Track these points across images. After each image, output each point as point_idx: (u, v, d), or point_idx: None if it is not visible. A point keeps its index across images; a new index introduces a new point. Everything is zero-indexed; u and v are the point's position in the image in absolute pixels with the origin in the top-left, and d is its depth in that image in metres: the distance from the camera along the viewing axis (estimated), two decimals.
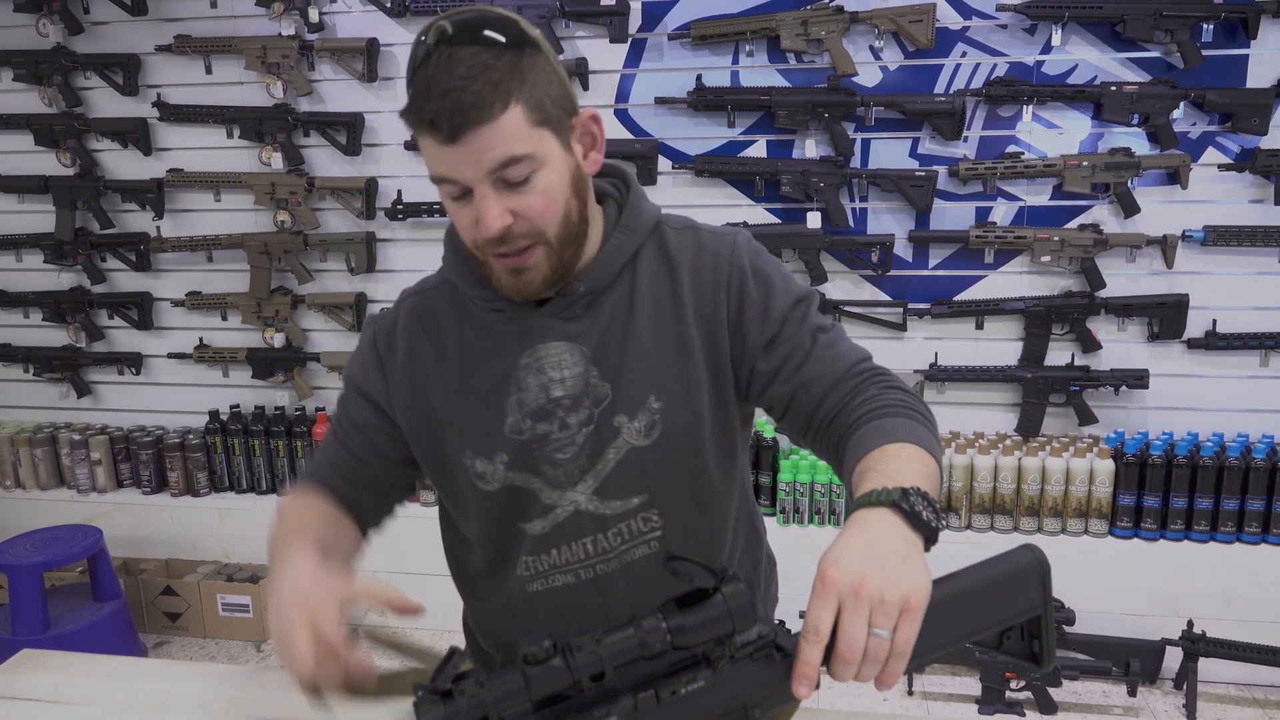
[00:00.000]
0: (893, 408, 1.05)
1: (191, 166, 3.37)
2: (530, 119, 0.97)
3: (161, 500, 3.50)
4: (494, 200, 0.98)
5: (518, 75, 0.96)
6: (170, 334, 3.55)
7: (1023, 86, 2.89)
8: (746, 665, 0.85)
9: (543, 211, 1.01)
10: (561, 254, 1.05)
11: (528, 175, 0.99)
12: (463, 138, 0.95)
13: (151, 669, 1.31)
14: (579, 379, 1.10)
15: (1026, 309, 3.03)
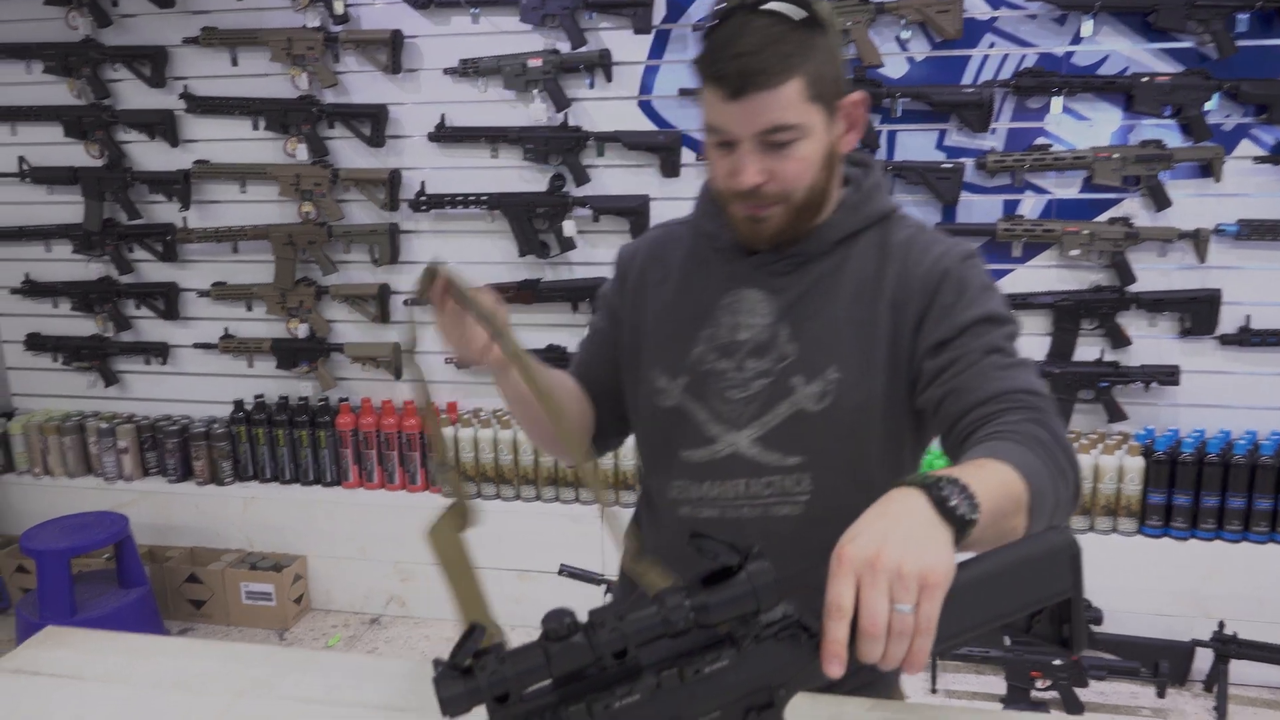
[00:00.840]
0: (1020, 436, 1.00)
1: (218, 158, 3.39)
2: (806, 93, 1.08)
3: (187, 489, 3.53)
4: (755, 159, 1.10)
5: (804, 52, 1.07)
6: (196, 324, 3.58)
7: (1052, 78, 2.85)
8: (771, 645, 0.83)
9: (795, 177, 1.11)
10: (799, 217, 1.15)
11: (790, 141, 1.09)
12: (743, 98, 1.06)
13: (173, 646, 1.31)
14: (767, 330, 1.19)
15: (1055, 304, 2.99)
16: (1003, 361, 1.10)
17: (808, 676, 0.85)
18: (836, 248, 1.19)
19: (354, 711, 1.14)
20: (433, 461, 1.03)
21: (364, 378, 3.49)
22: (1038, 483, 0.95)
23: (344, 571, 3.45)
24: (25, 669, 1.24)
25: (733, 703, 0.83)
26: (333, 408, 3.47)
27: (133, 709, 1.15)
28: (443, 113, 3.19)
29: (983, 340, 1.11)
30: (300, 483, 3.49)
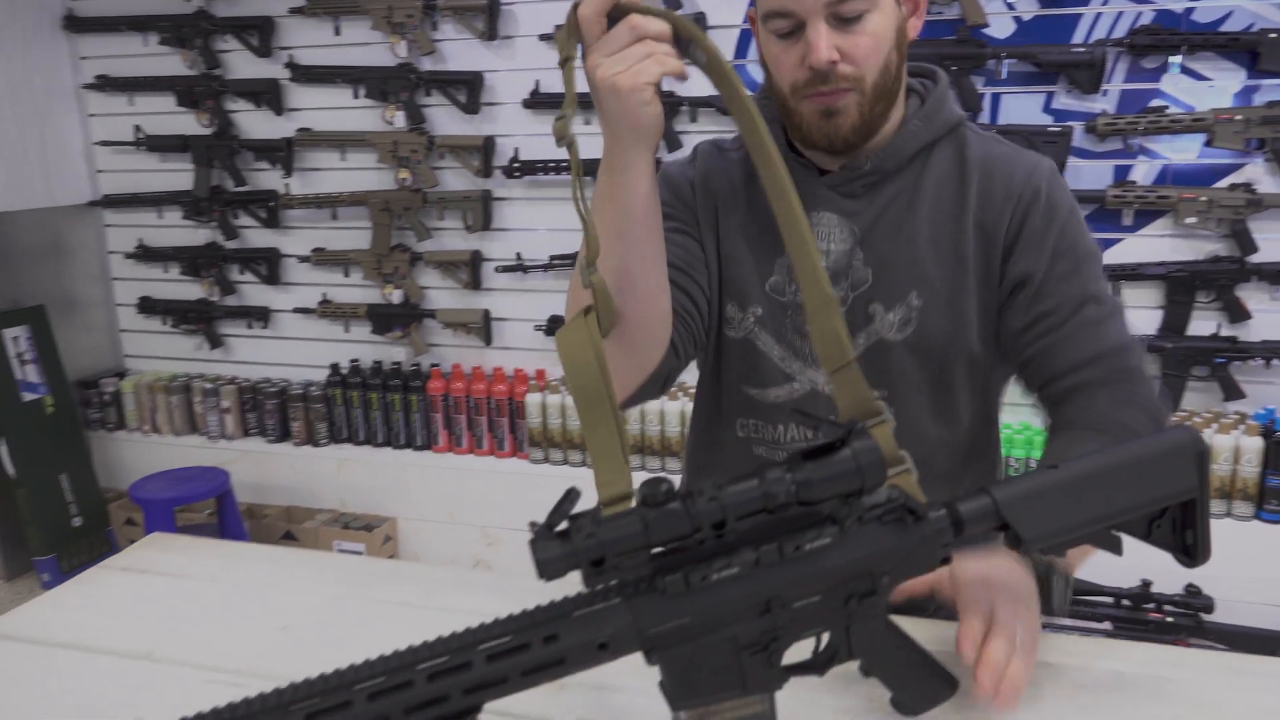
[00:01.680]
0: (1110, 431, 1.00)
1: (319, 126, 3.47)
2: None
3: (284, 449, 3.63)
4: (825, 33, 1.02)
5: None
6: (296, 289, 3.68)
7: (1170, 35, 2.71)
8: (875, 528, 0.80)
9: (868, 53, 1.04)
10: (873, 105, 1.07)
11: (861, 13, 1.02)
12: None
13: (270, 554, 1.34)
14: (843, 256, 1.13)
15: (1168, 274, 2.85)
16: (1095, 315, 1.07)
17: (912, 566, 0.82)
18: (911, 162, 1.13)
19: (447, 615, 1.14)
20: (580, 264, 0.89)
21: (455, 344, 3.53)
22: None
23: (432, 534, 3.50)
24: (134, 567, 1.28)
25: (834, 587, 0.80)
26: (424, 373, 3.52)
27: (233, 606, 1.18)
28: (537, 79, 3.21)
29: (1074, 285, 1.08)
30: (392, 446, 3.55)
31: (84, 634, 1.11)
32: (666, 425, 3.20)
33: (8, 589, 3.48)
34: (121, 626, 1.12)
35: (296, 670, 0.76)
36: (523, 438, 3.39)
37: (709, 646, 0.77)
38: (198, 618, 1.15)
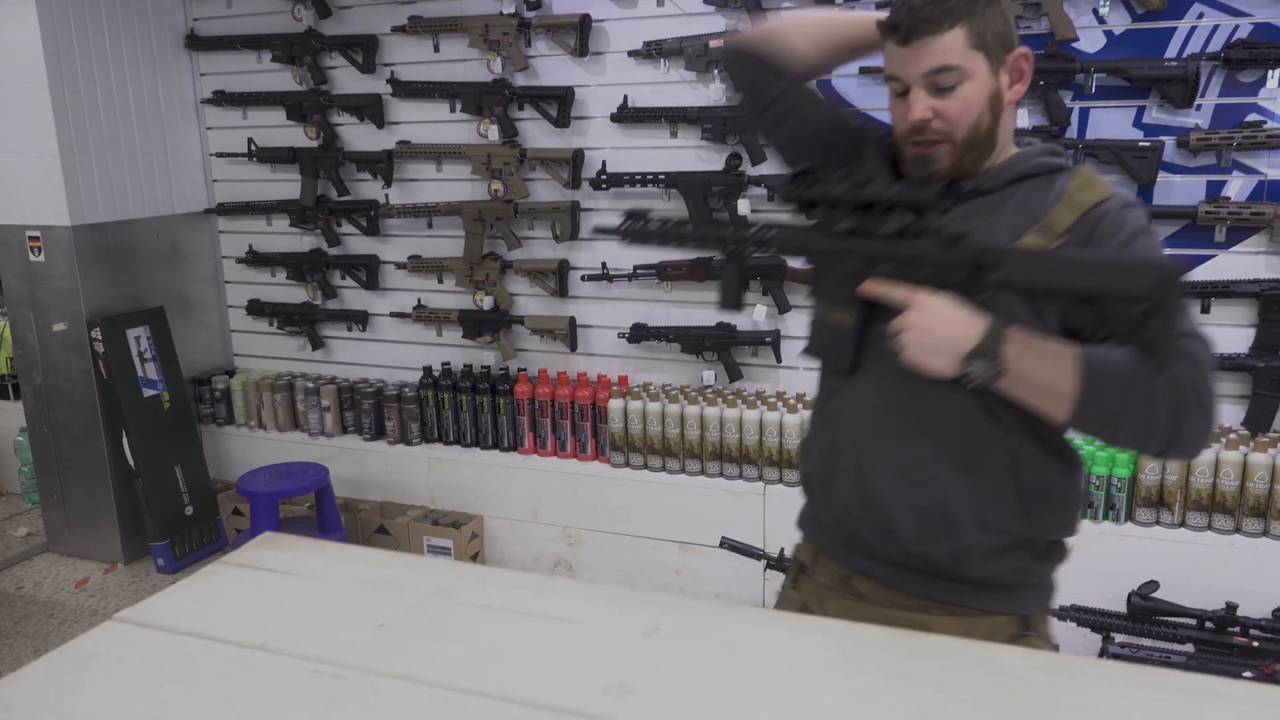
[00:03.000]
0: (1133, 361, 1.14)
1: (418, 139, 3.64)
2: (969, 42, 1.24)
3: (379, 447, 3.81)
4: (923, 97, 1.26)
5: (969, 6, 1.24)
6: (392, 294, 3.86)
7: (1269, 49, 2.66)
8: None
9: (958, 116, 1.26)
10: (963, 155, 1.29)
11: (954, 84, 1.25)
12: (911, 43, 1.24)
13: (370, 555, 1.45)
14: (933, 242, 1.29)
15: (1262, 292, 2.79)
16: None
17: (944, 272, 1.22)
18: (1005, 186, 1.30)
19: (525, 620, 1.23)
20: None
21: (542, 349, 3.66)
22: (1097, 389, 1.15)
23: (517, 532, 3.64)
24: (249, 564, 1.42)
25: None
26: (512, 377, 3.66)
27: (335, 602, 1.30)
28: (625, 94, 3.31)
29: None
30: (480, 446, 3.70)
31: (206, 624, 1.24)
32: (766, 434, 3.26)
33: (127, 571, 3.75)
34: (239, 618, 1.25)
35: (392, 664, 0.86)
36: (604, 442, 3.50)
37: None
38: (305, 612, 1.27)
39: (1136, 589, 2.82)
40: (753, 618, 1.29)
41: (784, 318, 3.31)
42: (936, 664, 1.12)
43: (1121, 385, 1.14)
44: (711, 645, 1.19)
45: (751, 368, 3.41)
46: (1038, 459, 1.30)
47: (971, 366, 1.17)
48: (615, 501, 3.46)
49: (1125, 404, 1.14)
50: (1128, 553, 2.88)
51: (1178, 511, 2.86)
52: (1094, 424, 1.18)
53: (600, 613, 1.26)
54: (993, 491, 1.29)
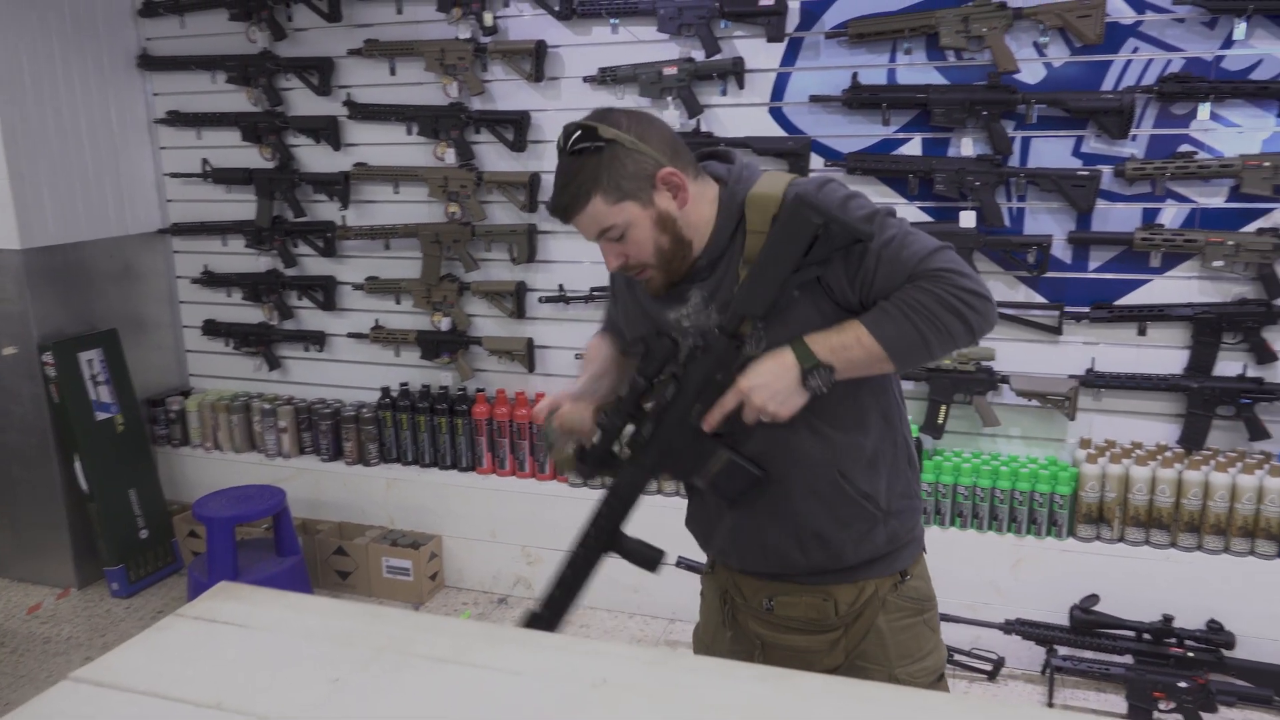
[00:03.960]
0: (898, 302, 1.38)
1: (375, 161, 3.65)
2: (609, 201, 1.41)
3: (337, 467, 3.81)
4: (607, 250, 1.47)
5: (596, 173, 1.39)
6: (350, 315, 3.86)
7: (1200, 83, 2.76)
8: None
9: (639, 253, 1.45)
10: (669, 268, 1.47)
11: (621, 234, 1.43)
12: (571, 221, 1.45)
13: (324, 605, 1.48)
14: (701, 314, 1.48)
15: (1195, 316, 2.89)
16: (890, 252, 1.38)
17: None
18: (731, 241, 1.46)
19: (475, 673, 1.27)
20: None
21: (500, 370, 3.68)
22: (898, 341, 1.37)
23: (476, 552, 3.66)
24: (204, 616, 1.43)
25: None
26: (470, 397, 3.68)
27: (290, 657, 1.32)
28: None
29: (875, 240, 1.38)
30: (438, 467, 3.71)
31: (162, 682, 1.26)
32: None
33: (80, 596, 3.72)
34: (194, 675, 1.27)
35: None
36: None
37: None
38: (259, 668, 1.29)
39: (1078, 603, 2.92)
40: (695, 667, 1.33)
41: None
42: (877, 712, 1.18)
43: (905, 320, 1.36)
44: (657, 697, 1.23)
45: None
46: (856, 454, 1.50)
47: (811, 383, 1.38)
48: (574, 520, 3.43)
49: (920, 330, 1.36)
50: (1069, 568, 2.98)
51: (1116, 527, 2.97)
52: (914, 357, 1.40)
53: (549, 664, 1.29)
54: (839, 498, 1.50)
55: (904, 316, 1.36)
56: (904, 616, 1.55)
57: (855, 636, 1.53)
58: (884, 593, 1.53)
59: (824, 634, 1.52)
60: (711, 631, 1.63)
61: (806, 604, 1.52)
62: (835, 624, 1.52)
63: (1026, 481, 3.01)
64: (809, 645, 1.51)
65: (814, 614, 1.52)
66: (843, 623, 1.52)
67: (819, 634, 1.52)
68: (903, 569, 1.57)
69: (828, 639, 1.52)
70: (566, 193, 1.42)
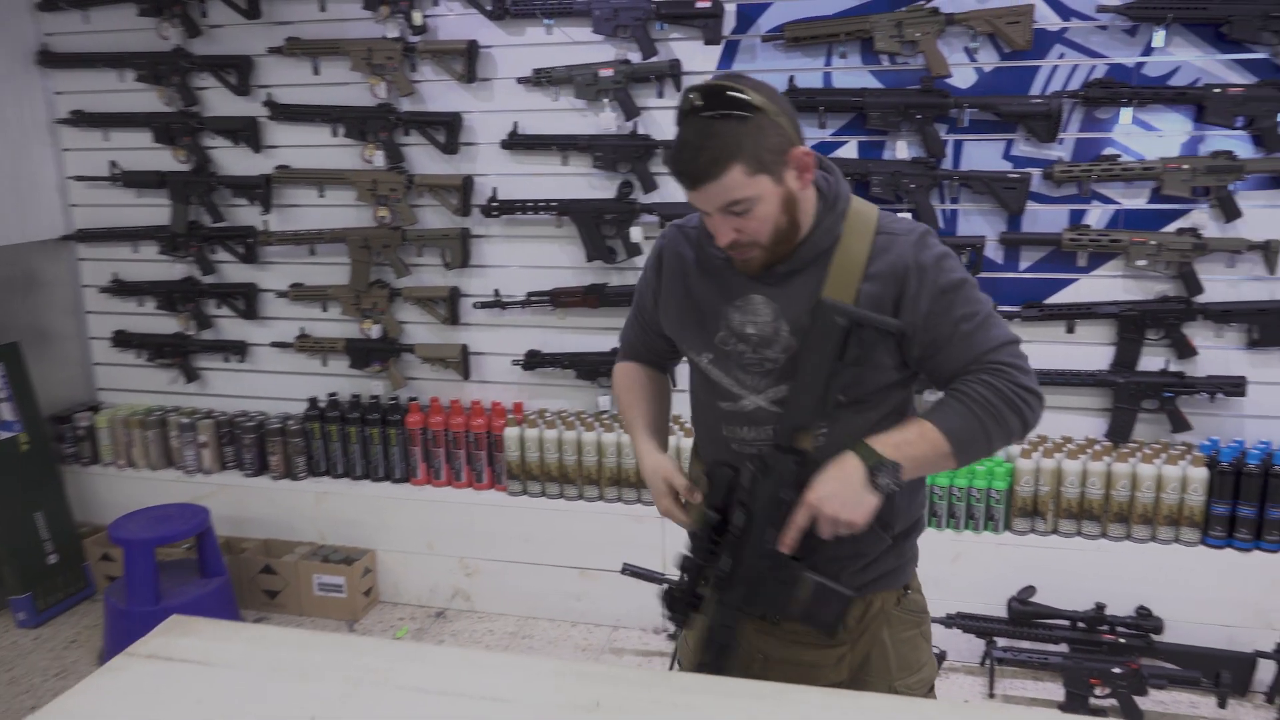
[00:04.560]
0: (963, 395, 1.39)
1: (298, 163, 3.52)
2: (748, 172, 1.32)
3: (262, 483, 3.66)
4: (723, 223, 1.38)
5: (738, 139, 1.31)
6: (274, 324, 3.71)
7: (1122, 88, 2.86)
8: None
9: (758, 230, 1.38)
10: (774, 252, 1.41)
11: (747, 209, 1.35)
12: (698, 189, 1.35)
13: (288, 636, 1.40)
14: (768, 325, 1.45)
15: (1120, 313, 3.00)
16: (967, 329, 1.39)
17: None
18: (816, 259, 1.43)
19: (465, 703, 1.22)
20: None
21: (434, 378, 3.59)
22: (962, 434, 1.37)
23: (412, 565, 3.56)
24: (159, 654, 1.34)
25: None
26: (402, 406, 3.58)
27: (259, 694, 1.25)
28: (515, 121, 3.28)
29: (949, 315, 1.39)
30: (370, 479, 3.60)
31: None
32: None
33: None
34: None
35: None
36: (501, 470, 3.46)
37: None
38: (227, 709, 1.22)
39: (1016, 595, 2.99)
40: (687, 686, 1.30)
41: None
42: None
43: (970, 414, 1.37)
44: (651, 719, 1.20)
45: None
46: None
47: (880, 482, 1.36)
48: (513, 530, 3.43)
49: (984, 425, 1.37)
50: (1006, 561, 3.05)
51: (1050, 520, 3.05)
52: (975, 451, 1.41)
53: (540, 690, 1.25)
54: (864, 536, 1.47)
55: (969, 411, 1.37)
56: (905, 629, 1.55)
57: (861, 651, 1.52)
58: (889, 607, 1.53)
59: (831, 648, 1.50)
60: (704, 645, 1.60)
61: None
62: (843, 638, 1.50)
63: (964, 478, 3.07)
64: (816, 660, 1.49)
65: None
66: (850, 637, 1.51)
67: (826, 648, 1.50)
68: (905, 583, 1.58)
69: (834, 653, 1.50)
70: (704, 155, 1.31)
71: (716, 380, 1.50)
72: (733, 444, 1.52)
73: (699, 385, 1.57)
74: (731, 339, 1.48)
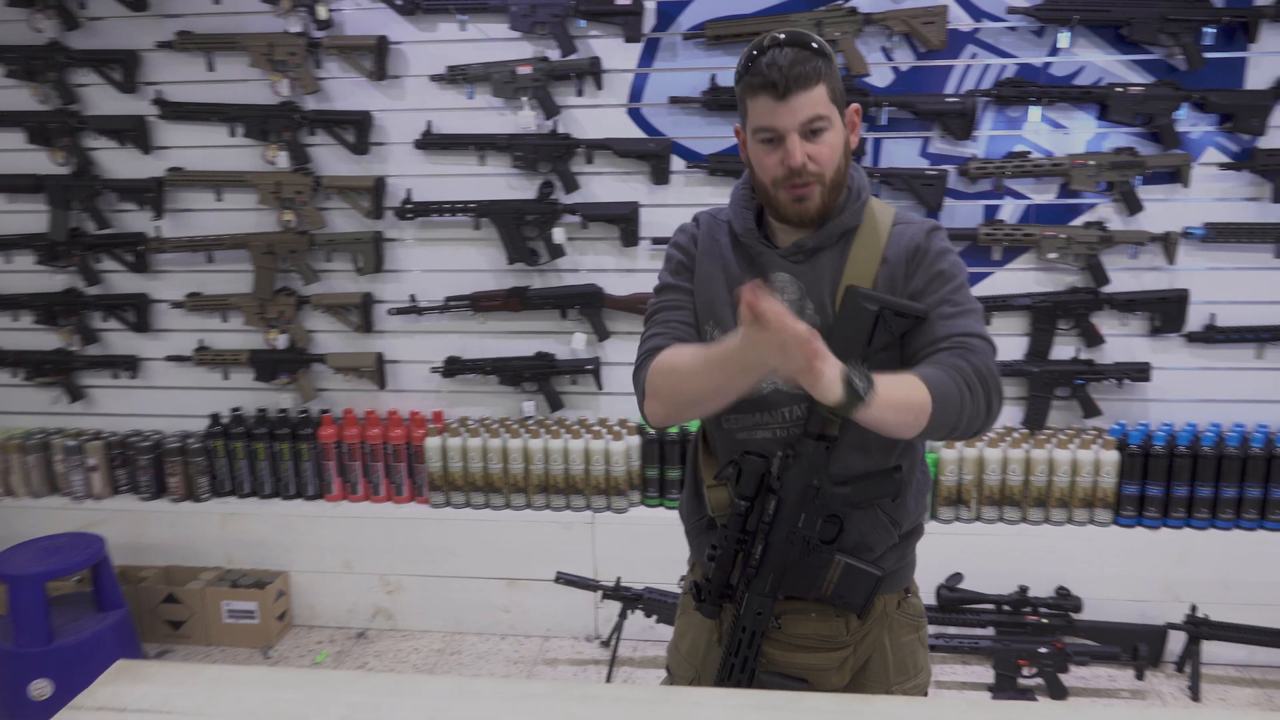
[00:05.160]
0: (943, 364, 1.40)
1: (193, 165, 3.30)
2: (829, 95, 1.40)
3: (161, 506, 3.43)
4: (800, 144, 1.40)
5: (824, 66, 1.39)
6: (168, 336, 3.48)
7: (1031, 87, 2.96)
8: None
9: (828, 159, 1.41)
10: (831, 193, 1.44)
11: (823, 130, 1.40)
12: (789, 98, 1.37)
13: (254, 676, 1.29)
14: (795, 304, 1.47)
15: (1033, 305, 3.10)
16: (950, 310, 1.43)
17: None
18: (840, 239, 1.48)
19: None
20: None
21: (347, 389, 3.43)
22: (942, 397, 1.34)
23: (329, 585, 3.40)
24: (109, 705, 1.21)
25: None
26: (314, 419, 3.41)
27: None
28: (429, 120, 3.16)
29: (938, 293, 1.44)
30: (281, 497, 3.42)
31: None
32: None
33: None
34: None
35: None
36: (422, 482, 3.34)
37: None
38: None
39: (944, 581, 3.06)
40: (697, 700, 1.26)
41: (604, 345, 3.30)
42: None
43: (954, 384, 1.36)
44: None
45: (572, 396, 3.37)
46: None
47: (855, 383, 1.27)
48: (437, 543, 3.31)
49: (961, 399, 1.35)
50: (934, 549, 3.05)
51: (974, 507, 3.13)
52: (947, 422, 1.35)
53: (537, 717, 1.18)
54: (873, 525, 1.49)
55: (946, 375, 1.37)
56: (905, 633, 1.54)
57: (862, 655, 1.50)
58: (890, 609, 1.52)
59: (835, 652, 1.48)
60: (702, 650, 1.55)
61: (818, 621, 1.48)
62: (846, 641, 1.48)
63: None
64: (819, 664, 1.47)
65: (826, 631, 1.47)
66: (853, 640, 1.49)
67: (829, 652, 1.47)
68: (906, 586, 1.57)
69: (838, 657, 1.48)
70: (799, 68, 1.36)
71: None
72: (739, 433, 1.50)
73: None
74: None
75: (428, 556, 3.32)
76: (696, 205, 3.11)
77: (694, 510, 1.60)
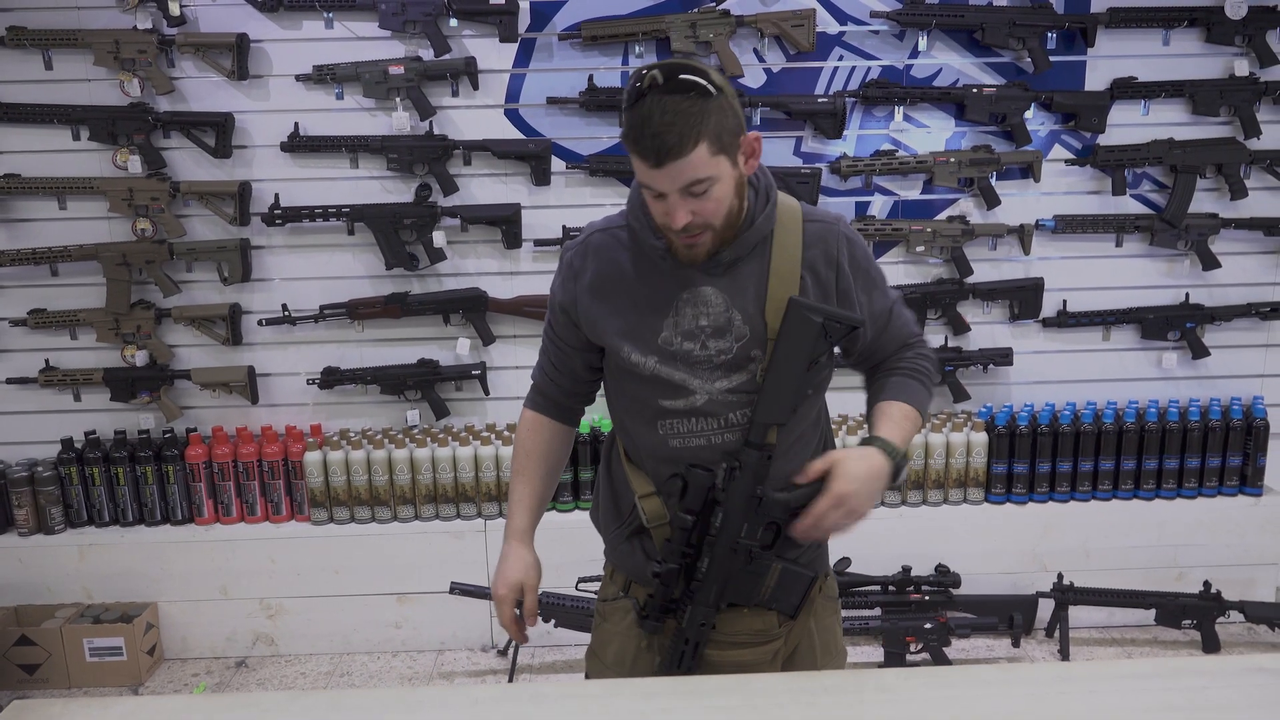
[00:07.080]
0: (913, 371, 1.53)
1: (30, 171, 3.06)
2: (710, 150, 1.30)
3: (8, 541, 3.16)
4: (681, 205, 1.33)
5: (704, 117, 1.28)
6: (9, 357, 3.21)
7: (895, 88, 3.09)
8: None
9: (714, 212, 1.36)
10: (723, 236, 1.40)
11: (707, 189, 1.32)
12: (662, 166, 1.29)
13: (177, 707, 1.20)
14: (722, 315, 1.44)
15: (904, 296, 3.22)
16: (896, 312, 1.54)
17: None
18: (757, 246, 1.45)
19: None
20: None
21: (215, 405, 3.25)
22: (924, 407, 1.52)
23: (203, 615, 3.20)
24: None
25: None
26: (181, 439, 3.21)
27: None
28: (296, 121, 3.03)
29: (884, 303, 1.52)
30: (146, 524, 3.20)
31: None
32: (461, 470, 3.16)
33: None
34: None
35: None
36: (302, 499, 3.20)
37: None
38: None
39: (834, 565, 3.15)
40: (653, 691, 1.25)
41: (489, 349, 3.24)
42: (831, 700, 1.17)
43: (924, 388, 1.53)
44: None
45: (458, 403, 3.30)
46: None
47: (900, 479, 1.46)
48: (320, 562, 3.18)
49: (930, 392, 1.56)
50: None
51: None
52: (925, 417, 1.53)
53: None
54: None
55: (922, 386, 1.52)
56: (827, 615, 1.57)
57: (791, 643, 1.52)
58: (814, 593, 1.53)
59: (768, 645, 1.48)
60: (630, 656, 1.53)
61: (750, 617, 1.47)
62: (779, 634, 1.49)
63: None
64: (754, 659, 1.47)
65: (759, 625, 1.47)
66: (784, 632, 1.50)
67: (763, 645, 1.48)
68: (826, 571, 1.60)
69: (770, 649, 1.48)
70: (673, 132, 1.26)
71: (666, 378, 1.46)
72: (672, 440, 1.48)
73: (635, 388, 1.50)
74: (676, 338, 1.45)
75: (311, 576, 3.18)
76: (578, 206, 3.15)
77: (613, 519, 1.58)
